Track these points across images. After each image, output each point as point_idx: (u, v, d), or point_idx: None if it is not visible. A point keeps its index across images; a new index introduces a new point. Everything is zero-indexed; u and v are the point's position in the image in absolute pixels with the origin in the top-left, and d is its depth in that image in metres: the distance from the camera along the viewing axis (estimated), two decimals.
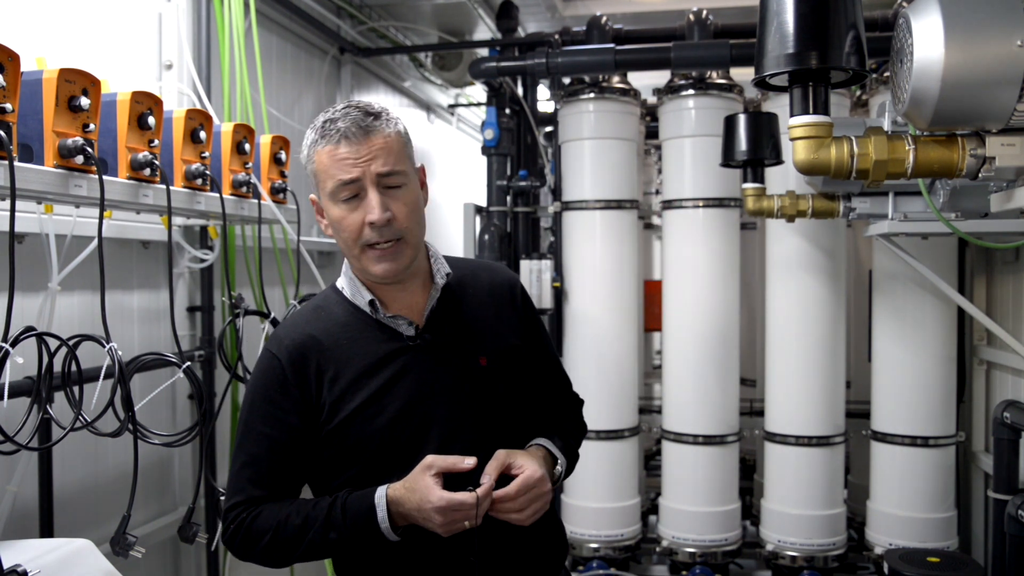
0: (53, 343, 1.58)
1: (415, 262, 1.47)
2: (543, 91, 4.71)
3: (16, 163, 1.37)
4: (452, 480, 1.35)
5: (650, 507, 4.12)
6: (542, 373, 1.64)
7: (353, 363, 1.45)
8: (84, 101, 1.54)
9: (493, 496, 1.35)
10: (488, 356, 1.51)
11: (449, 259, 1.58)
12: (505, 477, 1.38)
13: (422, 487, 1.33)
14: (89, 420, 1.66)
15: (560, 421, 1.65)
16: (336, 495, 1.42)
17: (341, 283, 1.53)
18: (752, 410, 3.96)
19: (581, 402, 1.74)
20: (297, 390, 1.44)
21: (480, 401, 1.49)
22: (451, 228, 5.31)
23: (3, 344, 1.39)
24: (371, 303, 1.47)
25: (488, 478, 1.35)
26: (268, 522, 1.42)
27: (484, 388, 1.49)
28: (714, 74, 3.57)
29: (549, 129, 4.44)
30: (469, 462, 1.35)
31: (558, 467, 1.51)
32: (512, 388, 1.54)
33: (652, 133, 4.46)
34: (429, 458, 1.36)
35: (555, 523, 1.63)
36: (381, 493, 1.38)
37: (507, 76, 3.80)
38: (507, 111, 4.00)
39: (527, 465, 1.38)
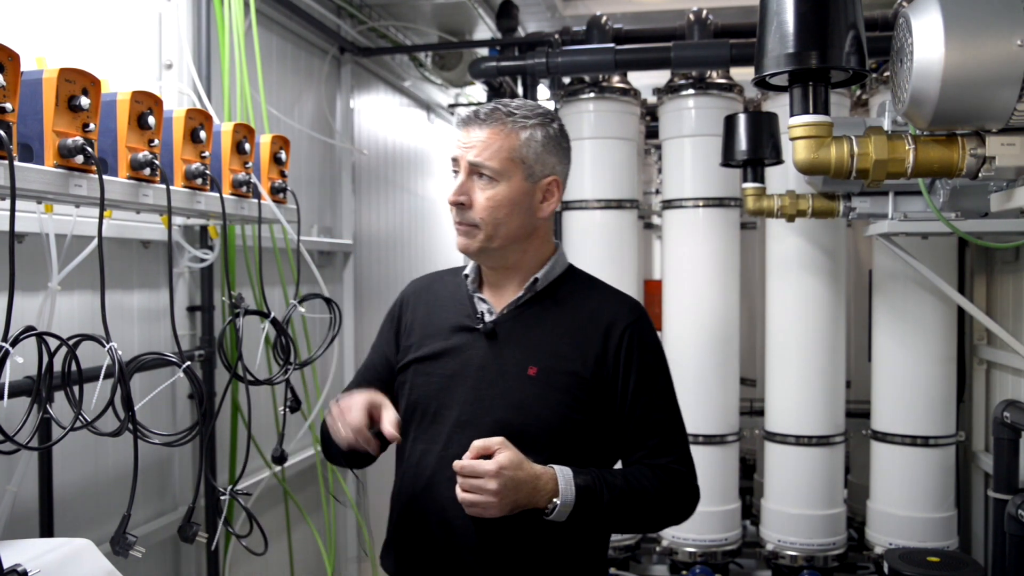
0: (53, 343, 1.58)
1: (502, 254, 1.54)
2: (543, 91, 4.71)
3: (16, 163, 1.37)
4: (443, 472, 1.46)
5: None
6: (623, 422, 1.53)
7: (429, 322, 1.61)
8: (84, 101, 1.54)
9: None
10: (540, 369, 1.49)
11: (581, 274, 1.64)
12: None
13: (367, 396, 1.48)
14: (89, 420, 1.66)
15: (623, 473, 1.52)
16: None
17: None
18: (752, 410, 3.96)
19: (679, 473, 1.56)
20: (396, 324, 1.67)
21: (509, 405, 1.48)
22: (451, 228, 5.30)
23: (3, 344, 1.39)
24: (466, 276, 1.62)
25: (469, 449, 1.39)
26: None
27: (520, 395, 1.48)
28: (714, 74, 3.57)
29: None
30: (390, 431, 1.43)
31: (555, 500, 1.39)
32: (558, 411, 1.48)
33: (652, 133, 4.46)
34: (395, 416, 1.46)
35: (567, 558, 1.51)
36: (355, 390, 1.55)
37: (507, 76, 3.80)
38: None
39: (496, 458, 1.36)
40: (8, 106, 1.36)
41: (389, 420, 1.44)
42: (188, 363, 1.86)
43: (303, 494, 3.36)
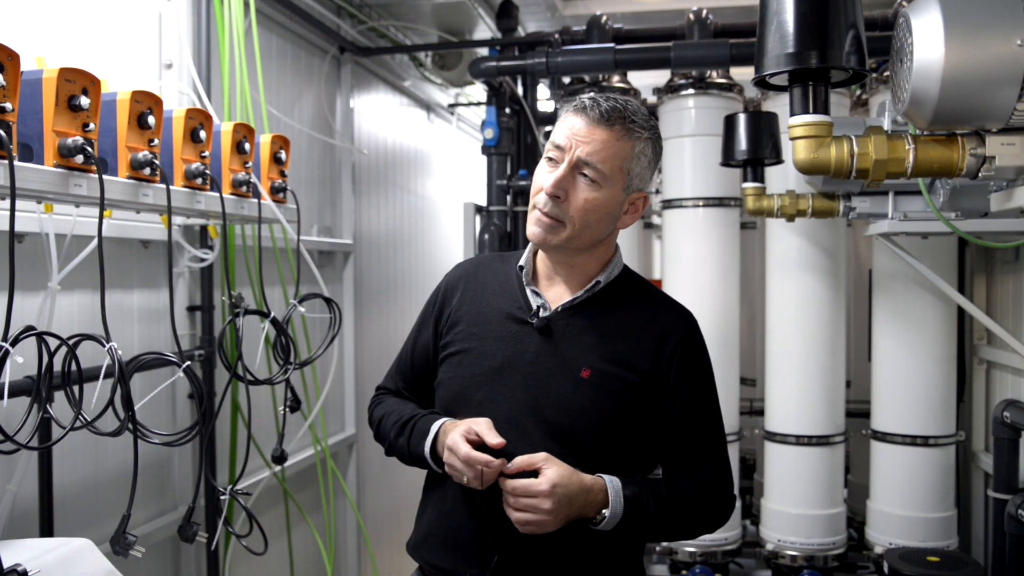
0: (53, 342, 1.58)
1: (573, 253, 1.51)
2: (543, 90, 4.71)
3: (16, 163, 1.37)
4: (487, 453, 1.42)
5: None
6: (668, 431, 1.52)
7: (477, 310, 1.56)
8: (84, 100, 1.54)
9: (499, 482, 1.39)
10: (594, 372, 1.47)
11: (635, 277, 1.60)
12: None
13: (461, 429, 1.41)
14: (89, 420, 1.66)
15: (663, 482, 1.51)
16: (421, 410, 1.57)
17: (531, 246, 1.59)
18: (752, 410, 3.96)
19: (719, 484, 1.54)
20: (439, 309, 1.62)
21: (559, 406, 1.46)
22: (451, 228, 5.31)
23: (3, 344, 1.39)
24: (521, 267, 1.56)
25: (510, 464, 1.37)
26: (381, 411, 1.64)
27: (572, 397, 1.46)
28: (714, 74, 3.57)
29: (549, 128, 4.44)
30: (495, 441, 1.39)
31: (604, 511, 1.40)
32: (607, 416, 1.46)
33: None
34: (488, 421, 1.42)
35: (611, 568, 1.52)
36: (440, 422, 1.50)
37: (507, 76, 3.80)
38: (507, 110, 4.00)
39: (546, 475, 1.35)
40: (8, 106, 1.36)
41: (489, 432, 1.41)
42: (188, 363, 1.86)
43: (303, 494, 3.36)
